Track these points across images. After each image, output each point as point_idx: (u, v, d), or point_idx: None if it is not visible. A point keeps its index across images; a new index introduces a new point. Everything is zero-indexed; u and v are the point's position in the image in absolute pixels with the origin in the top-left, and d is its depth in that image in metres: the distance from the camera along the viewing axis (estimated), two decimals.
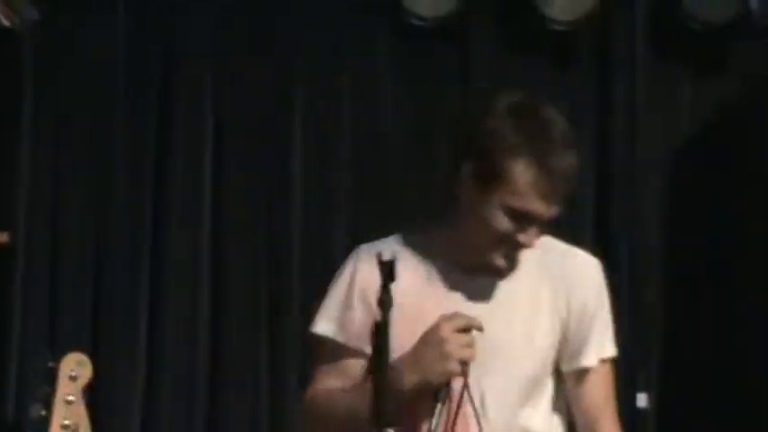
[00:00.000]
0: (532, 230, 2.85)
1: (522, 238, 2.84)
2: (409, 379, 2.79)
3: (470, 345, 2.81)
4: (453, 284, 2.96)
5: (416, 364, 2.81)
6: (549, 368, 3.00)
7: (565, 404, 3.03)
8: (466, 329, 2.81)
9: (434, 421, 2.77)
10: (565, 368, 2.98)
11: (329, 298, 2.99)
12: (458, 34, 4.41)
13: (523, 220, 2.83)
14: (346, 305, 2.96)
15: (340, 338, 2.95)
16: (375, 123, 4.42)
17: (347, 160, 4.40)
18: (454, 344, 2.78)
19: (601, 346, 2.99)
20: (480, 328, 2.81)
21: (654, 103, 4.44)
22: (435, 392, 2.79)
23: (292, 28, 4.37)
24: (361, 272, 2.95)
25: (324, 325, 2.97)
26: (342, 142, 4.41)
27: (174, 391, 4.30)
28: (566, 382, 3.01)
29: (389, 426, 2.70)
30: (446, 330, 2.78)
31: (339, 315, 2.96)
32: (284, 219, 4.38)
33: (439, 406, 2.76)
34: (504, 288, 2.96)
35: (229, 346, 4.42)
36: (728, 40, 4.39)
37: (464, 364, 2.78)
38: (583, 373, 2.98)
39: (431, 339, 2.81)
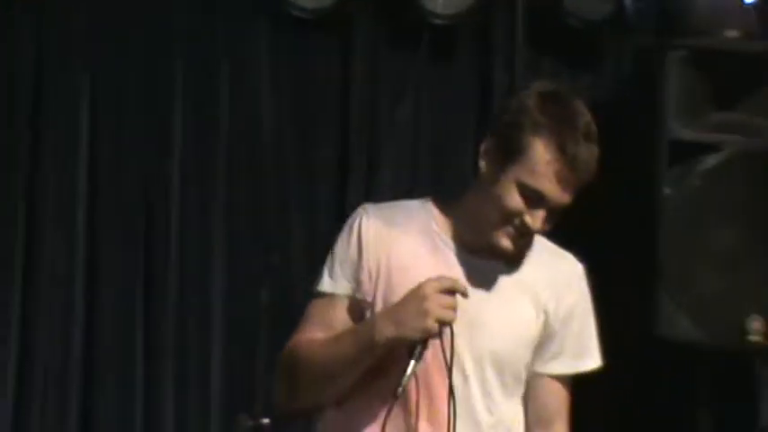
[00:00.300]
0: (540, 213, 2.82)
1: (529, 218, 2.81)
2: (385, 331, 2.78)
3: (451, 306, 2.79)
4: (455, 262, 2.94)
5: (394, 318, 2.80)
6: (525, 360, 2.97)
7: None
8: (450, 291, 2.79)
9: (404, 378, 2.75)
10: (537, 368, 2.97)
11: (337, 258, 2.96)
12: (339, 26, 4.39)
13: (535, 200, 2.81)
14: (358, 263, 2.92)
15: (339, 291, 2.93)
16: (254, 116, 4.38)
17: (225, 147, 4.36)
18: (434, 302, 2.76)
19: (580, 356, 3.00)
20: (465, 293, 2.80)
21: None
22: (410, 349, 2.77)
23: (172, 25, 4.33)
24: (370, 230, 2.92)
25: (330, 284, 2.94)
26: (219, 134, 4.36)
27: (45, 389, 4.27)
28: (530, 378, 3.00)
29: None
30: (429, 288, 2.76)
31: (349, 273, 2.93)
32: (162, 209, 4.32)
33: (412, 363, 2.75)
34: (501, 275, 2.94)
35: (103, 345, 4.31)
36: (605, 36, 4.45)
37: (442, 323, 2.76)
38: (553, 378, 2.98)
39: (412, 295, 2.79)
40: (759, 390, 4.44)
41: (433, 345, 2.79)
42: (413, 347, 2.76)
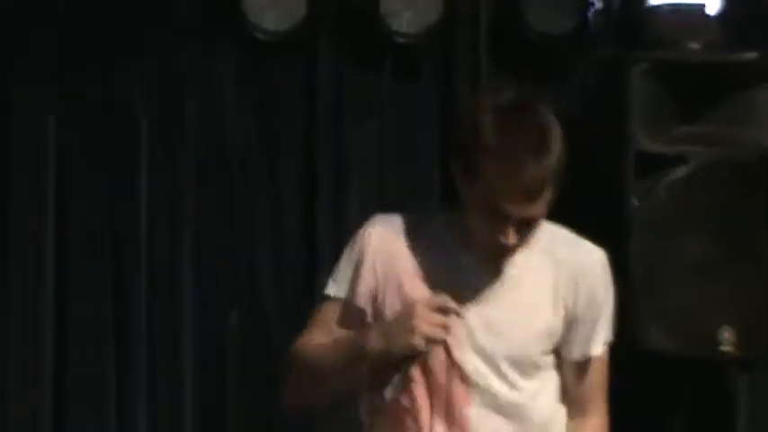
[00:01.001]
0: (509, 231, 2.82)
1: (501, 239, 2.83)
2: (373, 344, 2.83)
3: (441, 324, 2.80)
4: (464, 267, 2.95)
5: (384, 332, 2.83)
6: (540, 349, 2.99)
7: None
8: (443, 310, 2.80)
9: (389, 391, 2.86)
10: (569, 355, 3.00)
11: (341, 264, 3.02)
12: (303, 46, 4.37)
13: (498, 219, 2.82)
14: (356, 272, 2.97)
15: (340, 295, 2.98)
16: (220, 138, 4.36)
17: (193, 169, 4.33)
18: (423, 320, 2.78)
19: (605, 335, 3.03)
20: (457, 314, 2.82)
21: None
22: (399, 364, 2.84)
23: (134, 47, 4.31)
24: (371, 244, 2.96)
25: (333, 287, 2.99)
26: (186, 157, 4.34)
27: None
28: (565, 366, 3.02)
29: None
30: (419, 306, 2.80)
31: (349, 279, 2.98)
32: (132, 230, 4.30)
33: (397, 376, 2.83)
34: (510, 274, 2.95)
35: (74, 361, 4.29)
36: (568, 51, 4.41)
37: (431, 341, 2.79)
38: (587, 361, 3.01)
39: (404, 312, 2.84)
40: (734, 398, 4.43)
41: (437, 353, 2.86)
42: (401, 362, 2.82)
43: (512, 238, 2.83)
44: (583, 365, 3.03)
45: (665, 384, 4.33)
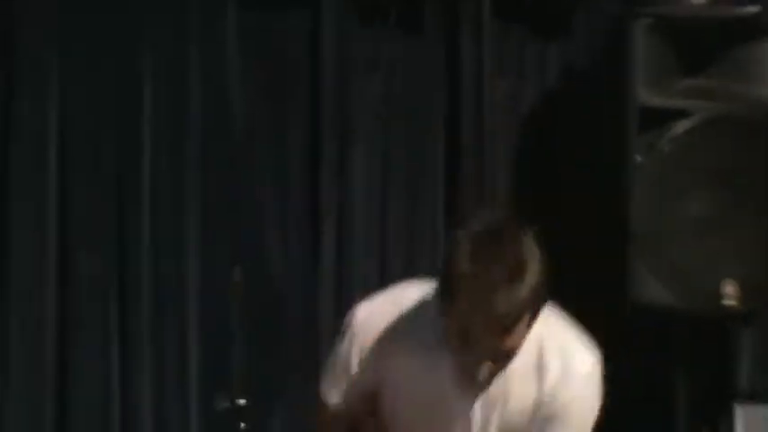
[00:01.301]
0: (482, 364, 2.77)
1: (475, 373, 2.79)
2: None
3: None
4: (456, 375, 2.89)
5: None
6: None
7: None
8: None
9: None
10: None
11: (332, 363, 2.98)
12: (309, 4, 4.36)
13: (469, 347, 2.76)
14: (346, 374, 2.94)
15: (339, 400, 2.95)
16: (225, 97, 4.34)
17: (198, 130, 4.31)
18: None
19: None
20: None
21: (501, 68, 4.46)
22: None
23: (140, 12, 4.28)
24: (357, 336, 2.91)
25: (329, 391, 2.97)
26: (190, 118, 4.33)
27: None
28: None
29: None
30: None
31: (338, 384, 2.95)
32: (135, 207, 4.30)
33: None
34: (499, 384, 2.88)
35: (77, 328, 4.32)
36: (572, 6, 4.40)
37: None
38: None
39: None
40: (735, 353, 4.44)
41: None
42: None
43: (484, 371, 2.79)
44: None
45: (667, 339, 4.35)
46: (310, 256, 4.38)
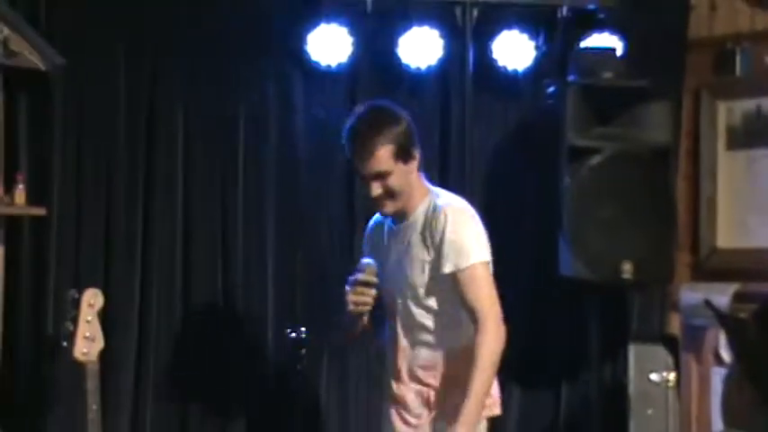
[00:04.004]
0: (372, 185, 3.14)
1: (368, 190, 3.16)
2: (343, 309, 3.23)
3: (365, 294, 3.14)
4: (386, 229, 3.31)
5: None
6: (432, 285, 3.21)
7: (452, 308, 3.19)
8: (366, 284, 3.14)
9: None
10: (441, 274, 3.19)
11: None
12: (348, 77, 4.39)
13: (364, 177, 3.17)
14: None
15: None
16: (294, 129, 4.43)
17: (274, 160, 4.41)
18: (351, 297, 3.15)
19: (454, 261, 3.17)
20: (374, 284, 3.16)
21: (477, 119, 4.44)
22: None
23: (237, 68, 4.33)
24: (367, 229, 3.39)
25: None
26: (269, 145, 4.40)
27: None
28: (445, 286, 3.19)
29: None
30: (348, 286, 3.16)
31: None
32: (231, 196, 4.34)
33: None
34: (406, 232, 3.25)
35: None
36: (526, 81, 4.51)
37: (358, 311, 3.15)
38: (449, 277, 3.17)
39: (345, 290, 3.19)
40: (629, 309, 4.58)
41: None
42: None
43: (376, 189, 3.12)
44: (453, 283, 3.13)
45: (583, 301, 4.45)
46: (347, 247, 4.42)
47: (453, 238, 3.17)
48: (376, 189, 3.12)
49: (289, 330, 3.81)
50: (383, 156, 3.11)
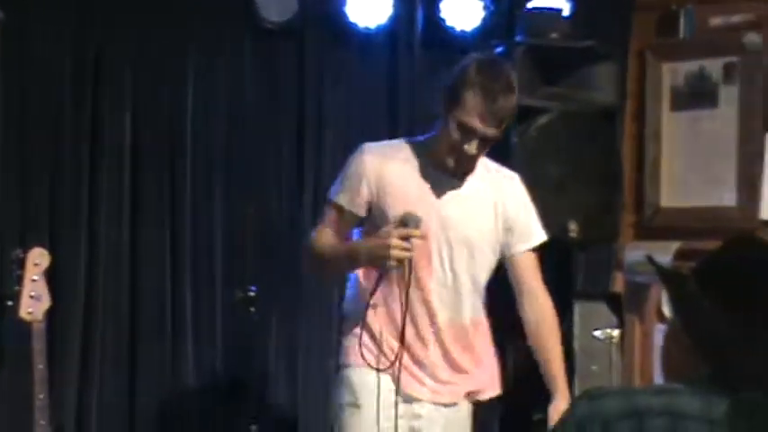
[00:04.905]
0: (474, 143, 3.00)
1: (466, 147, 3.00)
2: (362, 259, 3.03)
3: (408, 249, 2.91)
4: (430, 178, 3.11)
5: (368, 251, 3.00)
6: (489, 247, 3.16)
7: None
8: (407, 237, 2.92)
9: (374, 285, 2.99)
10: (507, 251, 3.18)
11: (344, 179, 3.11)
12: (295, 35, 4.41)
13: (468, 133, 2.99)
14: (355, 188, 3.09)
15: (348, 207, 3.11)
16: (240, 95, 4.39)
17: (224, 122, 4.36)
18: (394, 247, 2.91)
19: (529, 237, 3.18)
20: (421, 237, 2.95)
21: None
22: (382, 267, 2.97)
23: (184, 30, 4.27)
24: (366, 164, 3.08)
25: (339, 196, 3.12)
26: (219, 113, 4.36)
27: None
28: (507, 260, 3.18)
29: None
30: (392, 234, 2.92)
31: (350, 193, 3.10)
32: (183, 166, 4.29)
33: (379, 277, 2.99)
34: (462, 187, 3.13)
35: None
36: (474, 41, 4.46)
37: (399, 261, 2.92)
38: (521, 255, 3.17)
39: (382, 236, 2.95)
40: (575, 267, 4.58)
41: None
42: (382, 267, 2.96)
43: (474, 148, 2.99)
44: (518, 260, 3.13)
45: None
46: (296, 205, 4.42)
47: (531, 212, 3.21)
48: (475, 148, 3.01)
49: (238, 293, 3.87)
50: (505, 124, 3.06)
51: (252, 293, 3.96)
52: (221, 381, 4.33)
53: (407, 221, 2.96)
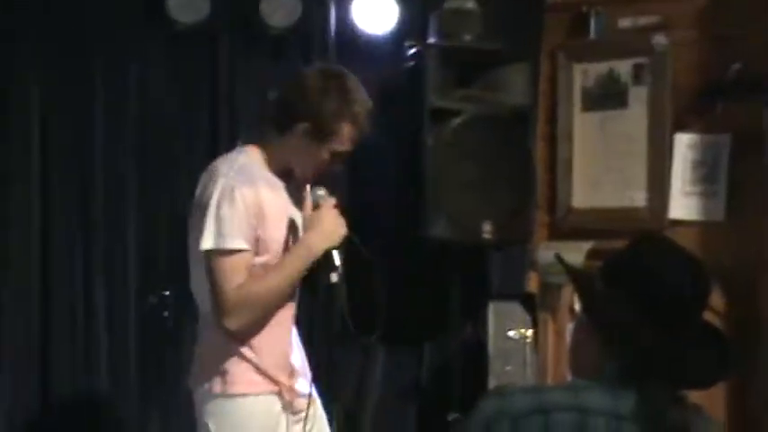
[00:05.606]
0: (343, 157, 3.13)
1: (335, 167, 3.15)
2: (319, 245, 3.01)
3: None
4: (286, 193, 3.13)
5: (322, 236, 3.01)
6: None
7: None
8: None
9: (338, 269, 3.01)
10: None
11: (228, 221, 2.94)
12: (208, 38, 4.36)
13: (342, 156, 3.10)
14: (243, 225, 2.96)
15: (248, 247, 2.98)
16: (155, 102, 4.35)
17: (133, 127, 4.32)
18: (340, 219, 3.04)
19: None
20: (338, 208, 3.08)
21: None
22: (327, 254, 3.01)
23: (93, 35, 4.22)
24: (246, 202, 2.96)
25: (237, 242, 2.95)
26: (128, 119, 4.31)
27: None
28: None
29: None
30: (335, 212, 3.04)
31: (242, 232, 2.95)
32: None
33: (338, 257, 3.02)
34: (300, 192, 3.18)
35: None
36: (387, 44, 4.44)
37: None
38: None
39: (326, 217, 3.01)
40: (489, 268, 4.63)
41: None
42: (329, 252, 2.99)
43: (340, 164, 3.15)
44: None
45: (445, 261, 4.41)
46: None
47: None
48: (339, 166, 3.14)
49: (153, 296, 3.82)
50: None
51: (166, 297, 3.95)
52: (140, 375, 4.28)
53: (318, 198, 3.05)
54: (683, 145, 4.52)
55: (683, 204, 4.50)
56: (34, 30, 4.15)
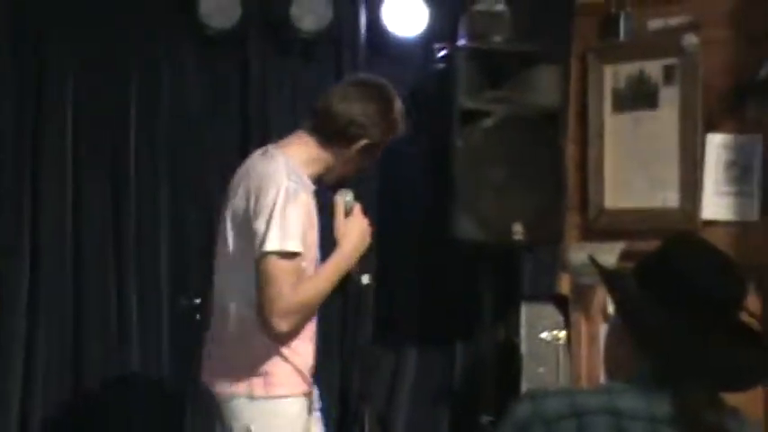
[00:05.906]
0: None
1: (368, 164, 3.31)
2: (354, 254, 3.10)
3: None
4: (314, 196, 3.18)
5: (360, 243, 3.12)
6: None
7: None
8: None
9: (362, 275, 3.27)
10: None
11: (291, 223, 2.98)
12: (239, 43, 4.35)
13: (381, 151, 3.30)
14: (302, 227, 3.02)
15: (303, 251, 3.03)
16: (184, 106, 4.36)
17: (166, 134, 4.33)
18: (367, 223, 3.14)
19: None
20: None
21: None
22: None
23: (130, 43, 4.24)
24: (305, 199, 3.04)
25: (298, 244, 3.00)
26: (161, 124, 4.32)
27: None
28: None
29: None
30: (364, 218, 3.13)
31: (302, 235, 3.01)
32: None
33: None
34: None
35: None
36: (416, 46, 4.45)
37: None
38: None
39: (363, 226, 3.13)
40: (521, 269, 4.58)
41: None
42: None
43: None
44: None
45: (477, 262, 4.42)
46: None
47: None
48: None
49: (184, 298, 3.82)
50: None
51: (197, 301, 3.86)
52: (165, 383, 4.29)
53: (347, 204, 3.14)
54: (716, 145, 4.49)
55: (716, 205, 4.49)
56: (68, 35, 4.17)
